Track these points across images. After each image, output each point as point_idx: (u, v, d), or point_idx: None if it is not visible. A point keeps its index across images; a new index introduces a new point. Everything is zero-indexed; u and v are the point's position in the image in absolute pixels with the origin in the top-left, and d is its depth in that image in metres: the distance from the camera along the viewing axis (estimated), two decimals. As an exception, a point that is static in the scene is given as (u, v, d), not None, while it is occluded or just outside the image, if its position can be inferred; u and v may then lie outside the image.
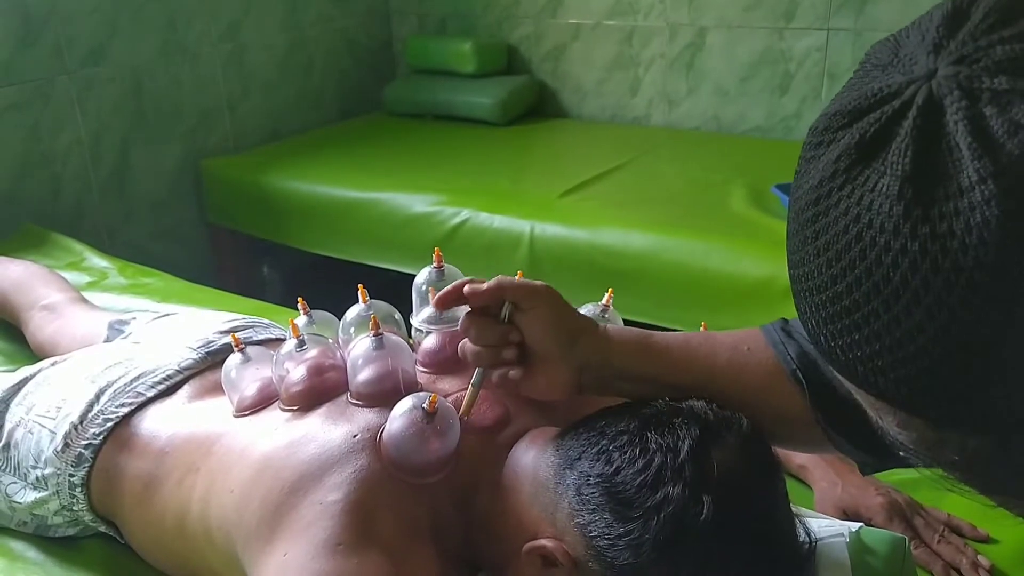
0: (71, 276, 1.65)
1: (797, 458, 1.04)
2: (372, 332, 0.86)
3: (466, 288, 0.78)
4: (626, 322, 0.97)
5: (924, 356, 0.39)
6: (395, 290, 1.21)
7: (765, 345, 0.78)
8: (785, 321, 0.80)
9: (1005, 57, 0.39)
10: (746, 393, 0.77)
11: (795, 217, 0.45)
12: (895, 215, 0.39)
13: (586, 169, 2.24)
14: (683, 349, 0.79)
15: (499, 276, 0.78)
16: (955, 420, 0.41)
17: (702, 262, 1.76)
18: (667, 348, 0.79)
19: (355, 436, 0.80)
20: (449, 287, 0.80)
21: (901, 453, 0.47)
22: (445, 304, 0.81)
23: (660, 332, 0.81)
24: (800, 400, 0.74)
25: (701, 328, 1.01)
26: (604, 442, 0.72)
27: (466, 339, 0.80)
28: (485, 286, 0.77)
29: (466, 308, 0.91)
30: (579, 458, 0.73)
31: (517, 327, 0.78)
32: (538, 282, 0.79)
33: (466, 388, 0.86)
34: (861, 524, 0.84)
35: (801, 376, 0.74)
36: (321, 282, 2.51)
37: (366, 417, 0.82)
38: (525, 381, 0.79)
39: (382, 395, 0.84)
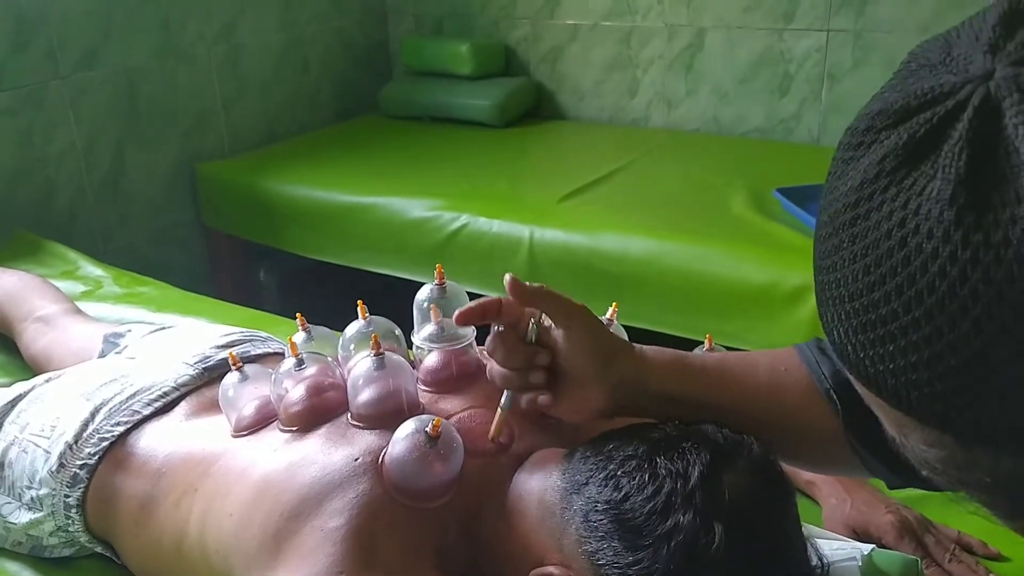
0: (65, 285, 1.63)
1: (805, 474, 1.03)
2: (373, 352, 0.84)
3: (508, 277, 0.75)
4: (628, 328, 0.96)
5: (965, 371, 0.37)
6: (393, 295, 1.19)
7: (800, 364, 0.76)
8: (820, 340, 0.79)
9: None
10: (783, 414, 0.75)
11: (828, 221, 0.43)
12: (945, 220, 0.37)
13: (585, 172, 2.22)
14: (720, 370, 0.77)
15: (543, 284, 0.75)
16: (991, 439, 0.39)
17: (703, 267, 1.74)
18: (704, 369, 0.77)
19: (356, 459, 0.78)
20: (476, 303, 0.76)
21: (925, 473, 0.45)
22: (467, 320, 0.77)
23: (695, 353, 0.80)
24: (834, 420, 0.73)
25: (706, 339, 0.99)
26: (612, 467, 0.70)
27: (493, 361, 0.77)
28: (529, 284, 0.74)
29: (470, 327, 0.90)
30: (586, 483, 0.71)
31: (547, 347, 0.76)
32: (575, 301, 0.77)
33: (469, 407, 0.85)
34: (873, 546, 0.83)
35: (835, 395, 0.73)
36: (318, 287, 2.49)
37: (367, 439, 0.80)
38: (556, 403, 0.76)
39: (383, 416, 0.82)
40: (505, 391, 0.79)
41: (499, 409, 0.80)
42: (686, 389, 0.76)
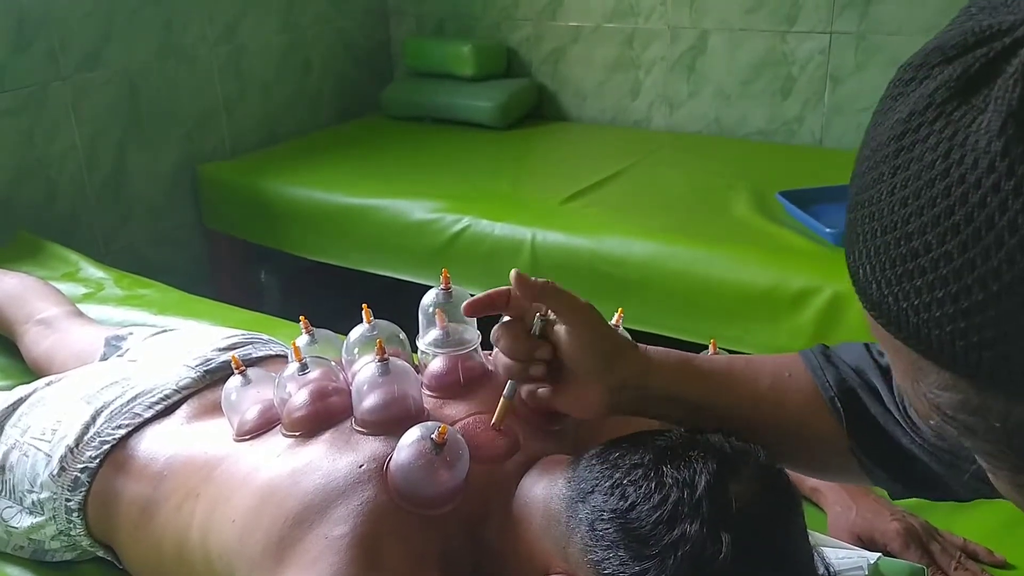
0: (67, 287, 1.63)
1: (810, 481, 1.02)
2: (377, 357, 0.84)
3: (514, 272, 0.75)
4: (630, 332, 0.95)
5: (992, 305, 0.36)
6: (394, 296, 1.18)
7: (804, 370, 0.76)
8: (825, 347, 0.78)
9: None
10: (786, 419, 0.75)
11: (870, 155, 0.42)
12: (992, 151, 0.36)
13: (587, 174, 2.21)
14: (724, 374, 0.77)
15: (549, 280, 0.76)
16: (1008, 382, 0.38)
17: (706, 270, 1.74)
18: (709, 372, 0.77)
19: (361, 466, 0.77)
20: (484, 295, 0.77)
21: (932, 422, 0.44)
22: (476, 310, 0.78)
23: (701, 355, 0.79)
24: (837, 427, 0.73)
25: (710, 344, 0.99)
26: (618, 475, 0.70)
27: (497, 349, 0.77)
28: (534, 280, 0.75)
29: (475, 332, 0.89)
30: (592, 491, 0.71)
31: (550, 342, 0.76)
32: (581, 299, 0.77)
33: (473, 413, 0.84)
34: (879, 554, 0.83)
35: (839, 404, 0.73)
36: (319, 288, 2.49)
37: (372, 446, 0.80)
38: (556, 397, 0.77)
39: (388, 423, 0.81)
40: (509, 381, 0.79)
41: (503, 397, 0.80)
42: (689, 391, 0.76)
